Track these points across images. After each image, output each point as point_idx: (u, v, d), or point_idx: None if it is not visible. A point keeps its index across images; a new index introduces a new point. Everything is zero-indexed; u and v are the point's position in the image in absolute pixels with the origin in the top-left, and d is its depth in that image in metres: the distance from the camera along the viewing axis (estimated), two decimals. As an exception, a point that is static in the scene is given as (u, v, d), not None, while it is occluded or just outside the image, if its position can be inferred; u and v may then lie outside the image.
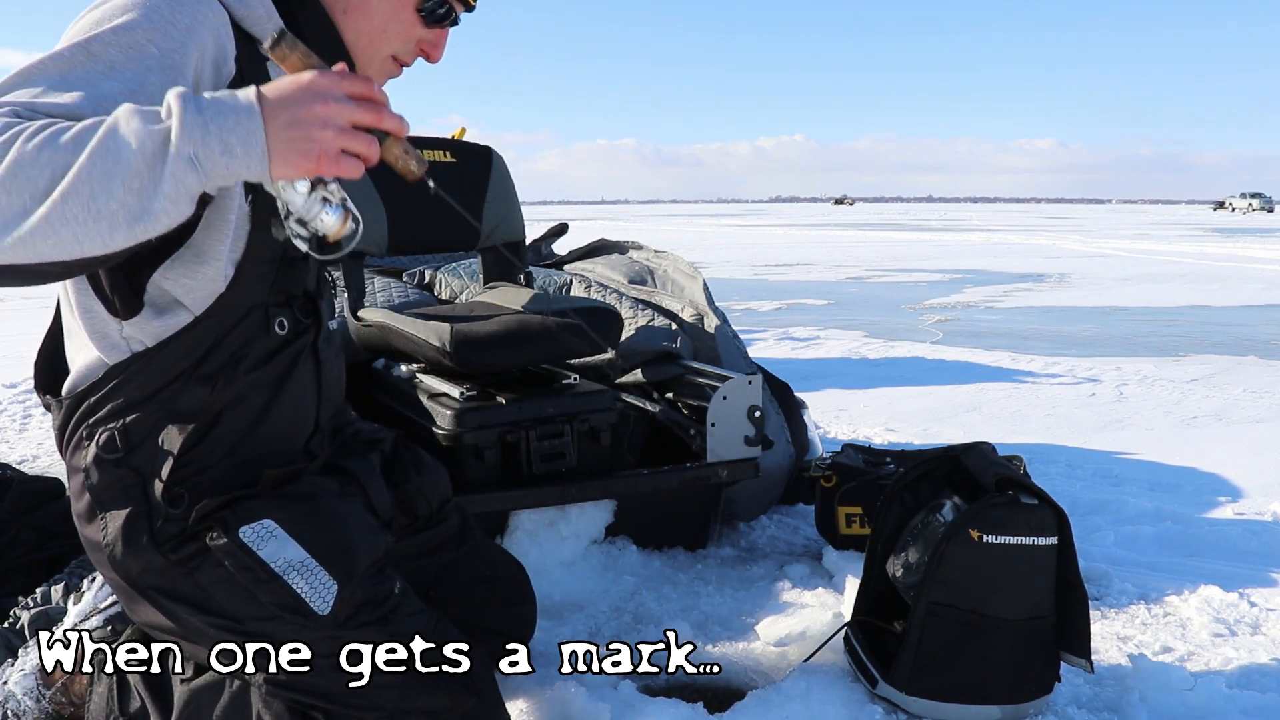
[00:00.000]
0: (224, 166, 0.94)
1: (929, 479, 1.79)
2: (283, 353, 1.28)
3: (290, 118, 0.96)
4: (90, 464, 1.21)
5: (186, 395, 1.21)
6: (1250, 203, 57.43)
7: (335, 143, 0.97)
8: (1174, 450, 3.46)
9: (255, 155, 0.95)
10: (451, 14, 1.34)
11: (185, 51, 1.07)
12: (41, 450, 3.57)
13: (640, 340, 2.64)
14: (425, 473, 1.55)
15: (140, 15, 1.05)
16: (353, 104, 0.98)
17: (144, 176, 0.92)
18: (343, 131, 0.97)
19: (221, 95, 0.96)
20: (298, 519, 1.24)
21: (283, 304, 1.27)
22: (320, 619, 1.22)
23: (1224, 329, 6.84)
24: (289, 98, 0.96)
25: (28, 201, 0.91)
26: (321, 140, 0.96)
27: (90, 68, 1.01)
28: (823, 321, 7.36)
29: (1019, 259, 14.80)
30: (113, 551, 1.21)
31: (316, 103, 0.96)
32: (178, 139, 0.92)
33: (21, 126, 0.92)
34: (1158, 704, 1.65)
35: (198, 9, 1.10)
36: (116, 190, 0.91)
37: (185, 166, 0.93)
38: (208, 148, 0.93)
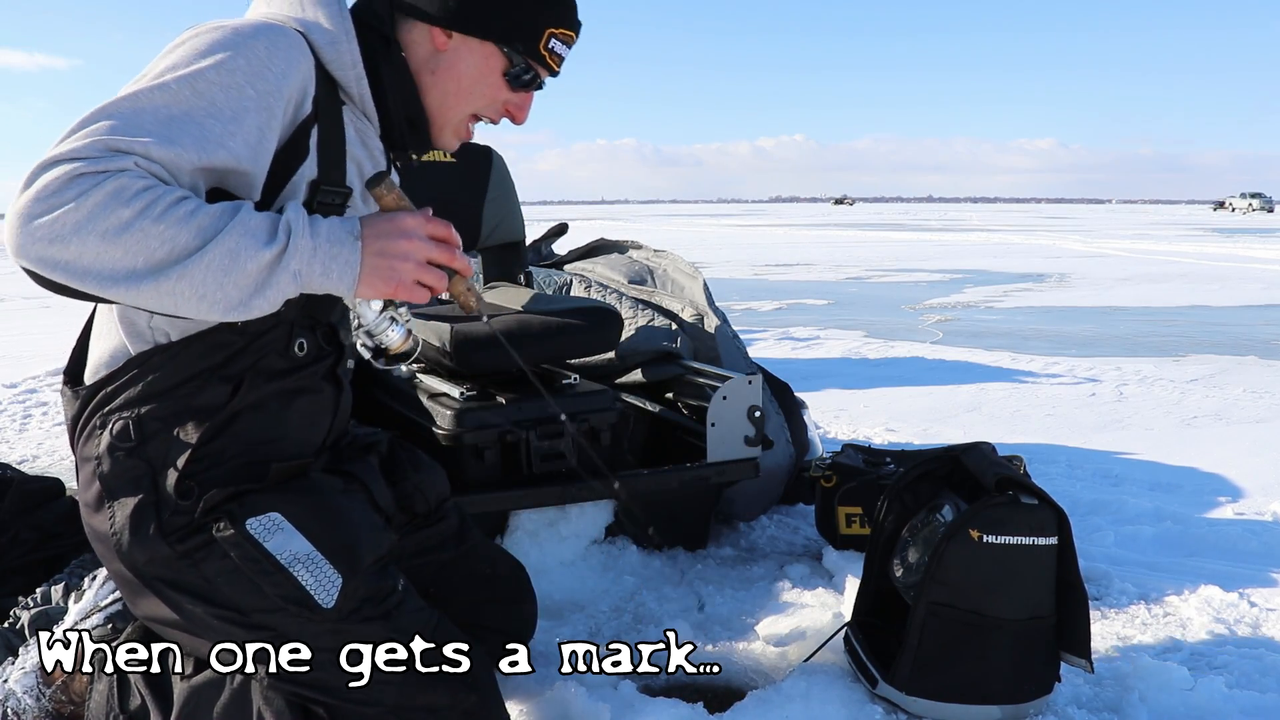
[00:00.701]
0: (319, 283, 1.12)
1: (929, 479, 1.79)
2: (302, 371, 1.32)
3: (380, 249, 1.13)
4: (103, 452, 1.23)
5: (206, 393, 1.24)
6: (1250, 203, 57.41)
7: (413, 274, 1.14)
8: (1174, 450, 3.46)
9: (348, 280, 1.13)
10: (537, 79, 1.38)
11: (279, 95, 1.17)
12: (41, 450, 3.57)
13: (640, 340, 2.64)
14: (423, 471, 1.57)
15: (241, 57, 1.14)
16: (432, 244, 1.16)
17: (254, 280, 1.07)
18: (420, 265, 1.15)
19: (332, 224, 1.13)
20: (304, 513, 1.25)
21: (307, 327, 1.32)
22: (324, 612, 1.23)
23: (1224, 329, 6.84)
24: (382, 232, 1.14)
25: (140, 265, 1.03)
26: (402, 271, 1.14)
27: (195, 104, 1.10)
28: (823, 321, 7.36)
29: (1019, 259, 14.80)
30: (119, 541, 1.22)
31: (403, 239, 1.14)
32: (290, 257, 1.08)
33: (153, 193, 1.03)
34: (1158, 704, 1.65)
35: (291, 54, 1.18)
36: (227, 285, 1.06)
37: (289, 279, 1.09)
38: (311, 268, 1.10)
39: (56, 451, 3.54)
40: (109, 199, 1.01)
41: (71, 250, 1.01)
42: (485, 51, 1.33)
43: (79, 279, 1.03)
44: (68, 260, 1.02)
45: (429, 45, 1.33)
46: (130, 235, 1.01)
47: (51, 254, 1.01)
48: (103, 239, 1.01)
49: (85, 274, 1.03)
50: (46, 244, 1.01)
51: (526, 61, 1.35)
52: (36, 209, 1.01)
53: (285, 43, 1.18)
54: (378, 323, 1.23)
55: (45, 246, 1.01)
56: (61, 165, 1.02)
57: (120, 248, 1.02)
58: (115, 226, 1.01)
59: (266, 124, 1.16)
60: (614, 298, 2.84)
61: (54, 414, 4.15)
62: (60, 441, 3.68)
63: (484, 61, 1.33)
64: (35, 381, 4.77)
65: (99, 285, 1.03)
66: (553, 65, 1.37)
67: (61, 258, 1.02)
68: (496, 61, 1.34)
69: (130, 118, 1.07)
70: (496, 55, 1.33)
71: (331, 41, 1.24)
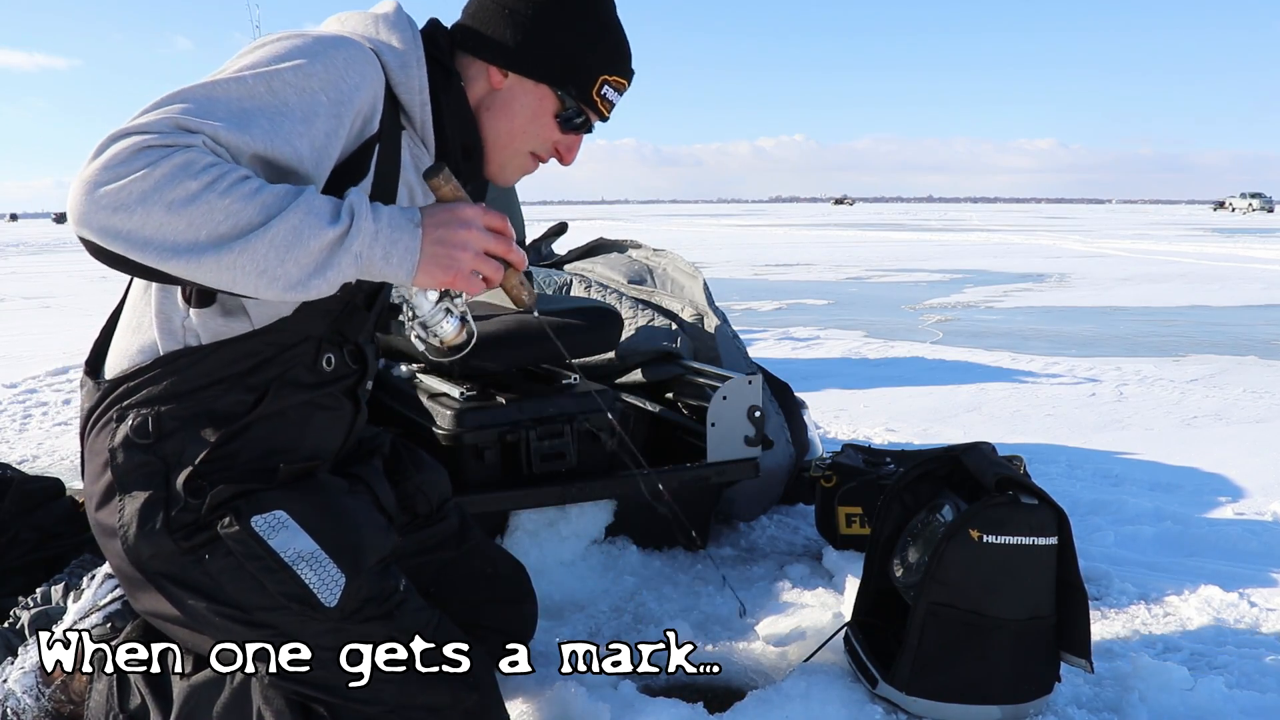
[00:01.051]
0: (379, 269, 1.11)
1: (929, 479, 1.79)
2: (325, 387, 1.34)
3: (439, 237, 1.13)
4: (118, 445, 1.24)
5: (228, 398, 1.26)
6: (1250, 203, 57.41)
7: (471, 264, 1.15)
8: (1174, 450, 3.46)
9: (407, 266, 1.12)
10: (587, 122, 1.40)
11: (350, 105, 1.18)
12: (41, 450, 3.57)
13: (640, 340, 2.64)
14: (425, 471, 1.58)
15: (319, 64, 1.16)
16: (490, 235, 1.16)
17: (315, 258, 1.07)
18: (478, 255, 1.15)
19: (395, 211, 1.13)
20: (309, 511, 1.26)
21: (335, 344, 1.34)
22: (327, 611, 1.24)
23: (1224, 329, 6.84)
24: (441, 220, 1.14)
25: (202, 238, 1.03)
26: (461, 260, 1.14)
27: (268, 101, 1.12)
28: (823, 321, 7.36)
29: (1019, 259, 14.80)
30: (126, 534, 1.23)
31: (462, 228, 1.14)
32: (352, 238, 1.08)
33: (220, 169, 1.04)
34: (1158, 704, 1.65)
35: (366, 69, 1.20)
36: (288, 262, 1.06)
37: (350, 261, 1.09)
38: (373, 251, 1.10)
39: (56, 451, 3.54)
40: (176, 170, 1.01)
41: (135, 219, 1.01)
42: (540, 93, 1.35)
43: (139, 249, 1.03)
44: (130, 230, 1.01)
45: (485, 82, 1.35)
46: (195, 207, 1.02)
47: (114, 223, 1.01)
48: (168, 210, 1.01)
49: (146, 244, 1.02)
50: (110, 212, 1.01)
51: (579, 106, 1.37)
52: (103, 177, 1.01)
53: (362, 58, 1.20)
54: (433, 313, 1.23)
55: (109, 215, 1.01)
56: (131, 137, 1.02)
57: (184, 219, 1.02)
58: (181, 198, 1.01)
59: (334, 131, 1.17)
60: (614, 298, 2.84)
61: (54, 414, 4.15)
62: (60, 441, 3.68)
63: (538, 103, 1.36)
64: (35, 381, 4.77)
65: (159, 256, 1.03)
66: (604, 111, 1.39)
67: (124, 227, 1.01)
68: (550, 103, 1.36)
69: (203, 103, 1.08)
70: (550, 97, 1.36)
71: (403, 65, 1.26)
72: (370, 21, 1.28)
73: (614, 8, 1.40)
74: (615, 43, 1.38)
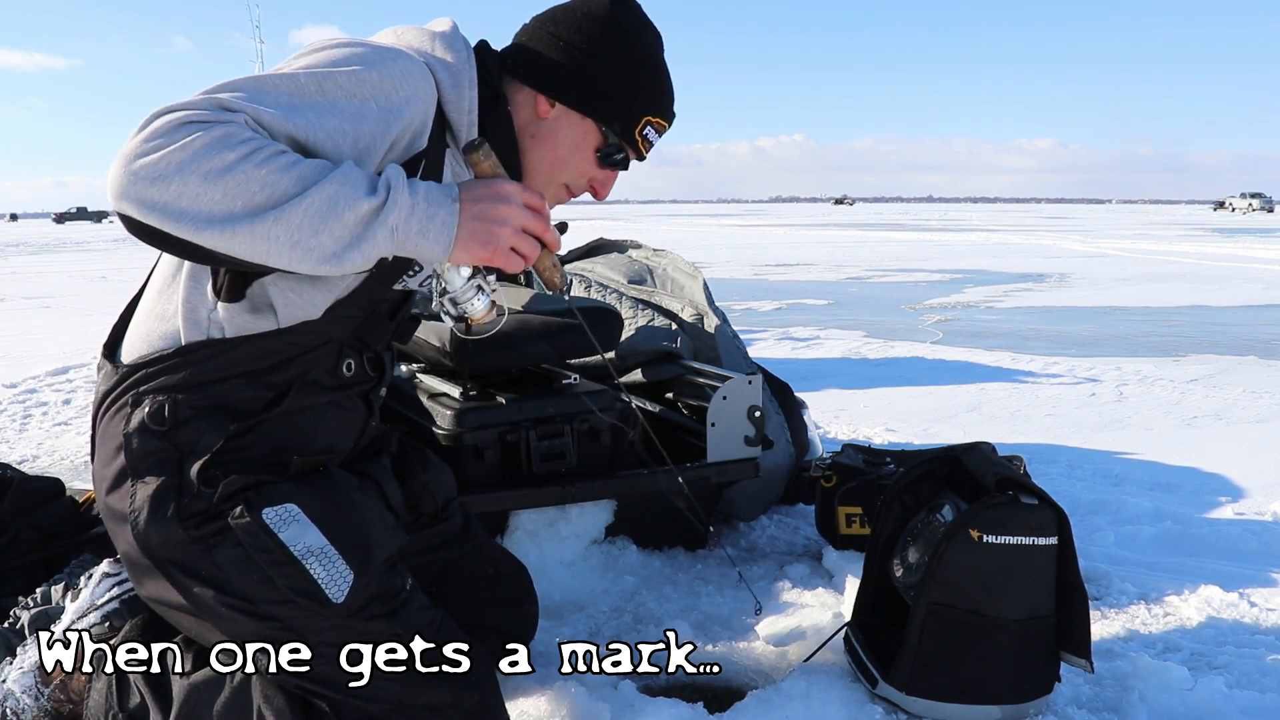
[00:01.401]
0: (415, 244, 1.11)
1: (929, 479, 1.79)
2: (343, 391, 1.35)
3: (478, 212, 1.13)
4: (133, 430, 1.24)
5: (246, 393, 1.26)
6: (1250, 203, 57.40)
7: (510, 240, 1.14)
8: (1174, 450, 3.45)
9: (444, 242, 1.12)
10: (626, 160, 1.41)
11: (399, 116, 1.18)
12: (41, 450, 3.57)
13: (640, 340, 2.64)
14: (431, 470, 1.59)
15: (374, 72, 1.16)
16: (528, 212, 1.16)
17: (350, 230, 1.07)
18: (516, 232, 1.15)
19: (431, 185, 1.12)
20: (321, 506, 1.26)
21: (356, 349, 1.35)
22: (334, 607, 1.24)
23: (1224, 329, 6.83)
24: (480, 195, 1.14)
25: (238, 208, 1.03)
26: (500, 235, 1.14)
27: (318, 100, 1.13)
28: (823, 321, 7.36)
29: (1019, 259, 14.80)
30: (136, 520, 1.23)
31: (501, 204, 1.14)
32: (389, 211, 1.07)
33: (258, 142, 1.04)
34: (1158, 704, 1.65)
35: (420, 84, 1.21)
36: (322, 233, 1.06)
37: (386, 234, 1.08)
38: (409, 225, 1.09)
39: (56, 451, 3.54)
40: (215, 142, 1.02)
41: (172, 190, 1.02)
42: (585, 127, 1.36)
43: (175, 220, 1.03)
44: (166, 201, 1.02)
45: (531, 110, 1.35)
46: (231, 177, 1.02)
47: (151, 194, 1.02)
48: (204, 179, 1.02)
49: (182, 215, 1.03)
50: (148, 183, 1.02)
51: (620, 143, 1.38)
52: (143, 148, 1.02)
53: (418, 73, 1.20)
54: (464, 290, 1.21)
55: (146, 186, 1.02)
56: (174, 113, 1.04)
57: (220, 189, 1.02)
58: (218, 168, 1.02)
59: (380, 138, 1.17)
60: (614, 298, 2.84)
61: (54, 414, 4.15)
62: (60, 441, 3.69)
63: (581, 136, 1.36)
64: (35, 381, 4.77)
65: (194, 227, 1.03)
66: (643, 150, 1.40)
67: (161, 198, 1.02)
68: (593, 138, 1.37)
69: (253, 92, 1.10)
70: (594, 132, 1.36)
71: (455, 84, 1.26)
72: (427, 38, 1.28)
73: (662, 50, 1.41)
74: (662, 85, 1.40)
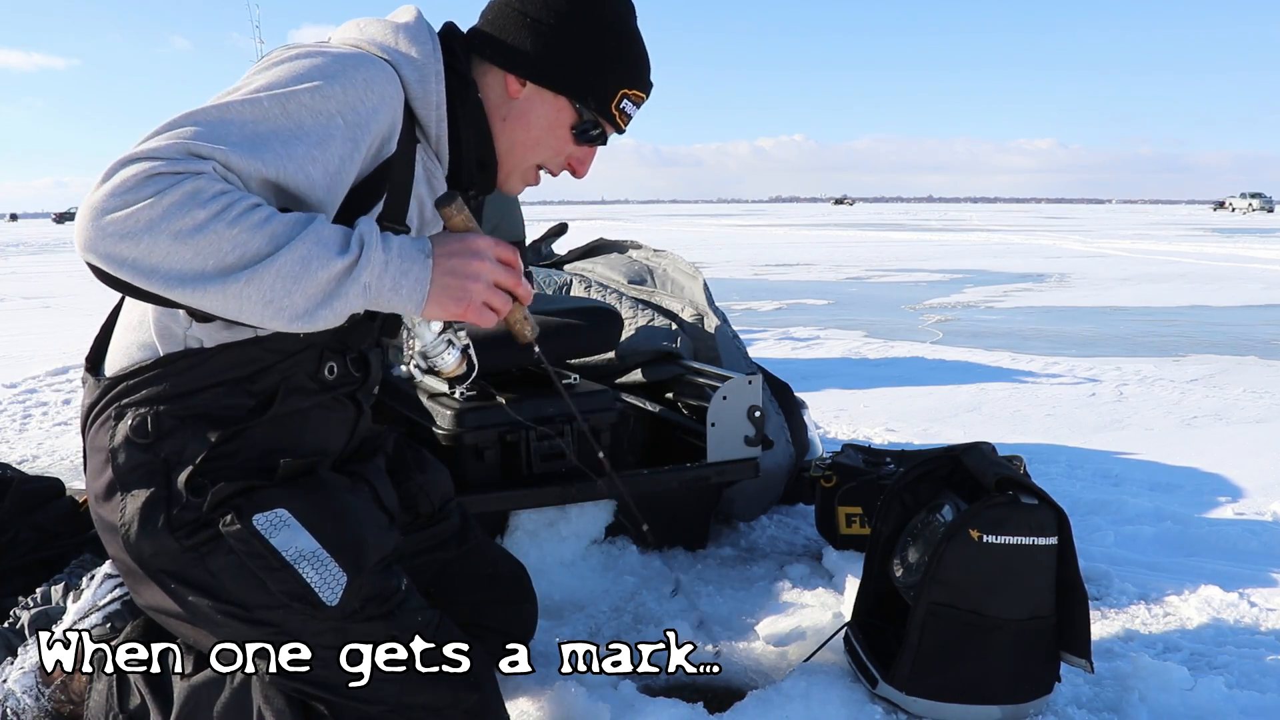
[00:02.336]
0: (388, 300, 1.10)
1: (929, 479, 1.79)
2: (327, 393, 1.34)
3: (451, 268, 1.12)
4: (118, 444, 1.24)
5: (228, 401, 1.26)
6: (1250, 203, 57.39)
7: (482, 295, 1.14)
8: (1174, 450, 3.45)
9: (417, 297, 1.11)
10: (603, 135, 1.39)
11: (367, 130, 1.17)
12: (41, 450, 3.57)
13: (640, 340, 2.64)
14: (427, 471, 1.58)
15: (337, 85, 1.14)
16: (501, 267, 1.15)
17: (323, 290, 1.06)
18: (488, 288, 1.14)
19: (404, 241, 1.11)
20: (311, 510, 1.25)
21: (338, 351, 1.34)
22: (328, 610, 1.23)
23: (1224, 329, 6.83)
24: (453, 251, 1.13)
25: (209, 268, 1.02)
26: (473, 291, 1.13)
27: (282, 124, 1.10)
28: (823, 321, 7.36)
29: (1019, 259, 14.80)
30: (127, 532, 1.23)
31: (474, 260, 1.13)
32: (361, 269, 1.07)
33: (229, 197, 1.02)
34: (1158, 704, 1.65)
35: (386, 89, 1.18)
36: (295, 293, 1.05)
37: (359, 292, 1.08)
38: (382, 282, 1.08)
39: (56, 451, 3.54)
40: (185, 199, 1.00)
41: (141, 248, 1.00)
42: (557, 105, 1.34)
43: (145, 277, 1.02)
44: (136, 258, 1.00)
45: (501, 91, 1.34)
46: (203, 237, 1.00)
47: (120, 250, 1.00)
48: (175, 238, 1.00)
49: (153, 273, 1.01)
50: (117, 240, 1.00)
51: (596, 118, 1.36)
52: (111, 204, 1.00)
53: (382, 79, 1.19)
54: (435, 344, 1.22)
55: (115, 243, 1.00)
56: (140, 163, 1.01)
57: (191, 249, 1.00)
58: (189, 227, 1.00)
59: (349, 156, 1.16)
60: (614, 298, 2.84)
61: (54, 414, 4.15)
62: (60, 441, 3.68)
63: (555, 114, 1.35)
64: (35, 381, 4.77)
65: (165, 285, 1.02)
66: (620, 124, 1.38)
67: (130, 255, 1.00)
68: (567, 115, 1.35)
69: (215, 126, 1.07)
70: (568, 109, 1.34)
71: (421, 80, 1.24)
72: (390, 31, 1.27)
73: (635, 19, 1.38)
74: (636, 56, 1.37)
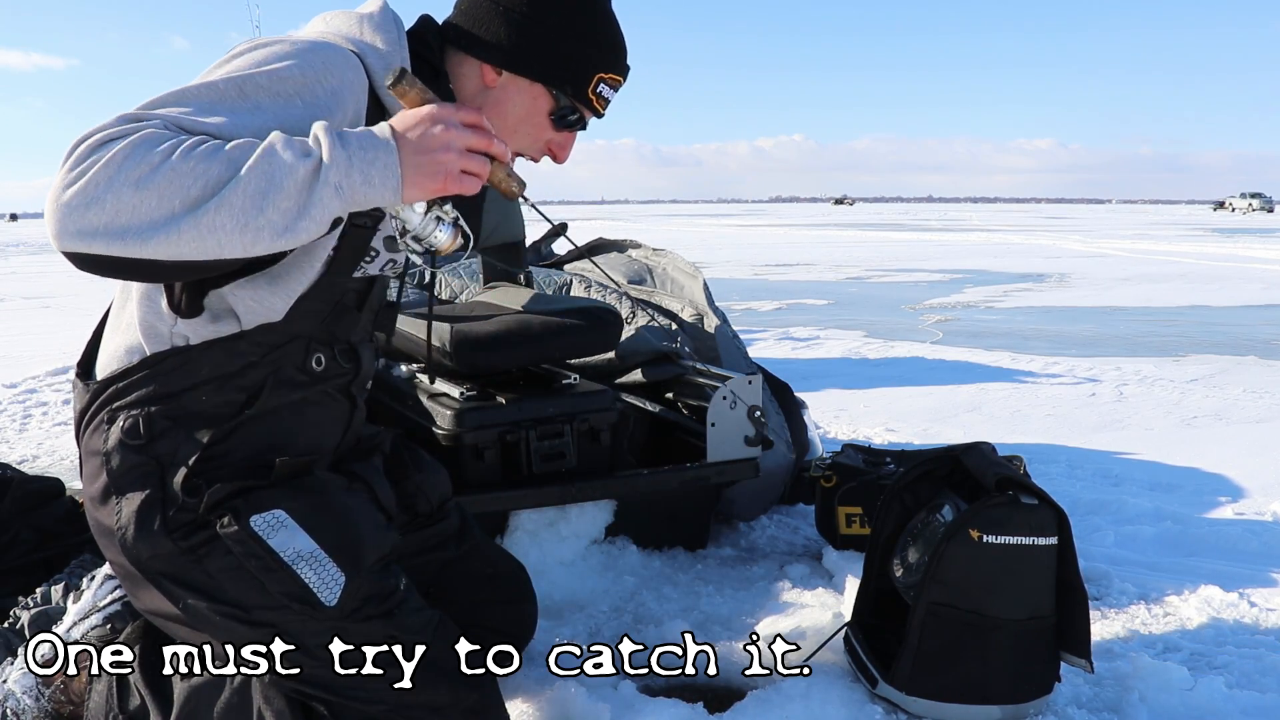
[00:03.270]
0: (363, 195, 1.06)
1: (929, 479, 1.79)
2: (317, 386, 1.33)
3: (417, 145, 1.07)
4: (111, 448, 1.24)
5: (219, 398, 1.25)
6: (1250, 203, 57.39)
7: (457, 164, 1.09)
8: (1174, 450, 3.45)
9: (391, 185, 1.06)
10: (582, 120, 1.38)
11: (327, 111, 1.15)
12: (41, 450, 3.57)
13: (640, 340, 2.64)
14: (425, 470, 1.58)
15: (295, 68, 1.13)
16: (468, 131, 1.10)
17: (294, 199, 1.02)
18: (461, 154, 1.09)
19: (361, 132, 1.06)
20: (308, 510, 1.25)
21: (325, 343, 1.33)
22: (327, 610, 1.24)
23: (1224, 329, 6.83)
24: (415, 127, 1.08)
25: (177, 207, 1.00)
26: (446, 162, 1.08)
27: (239, 104, 1.09)
28: (823, 321, 7.36)
29: (1019, 259, 14.80)
30: (124, 535, 1.23)
31: (439, 129, 1.08)
32: (326, 170, 1.03)
33: (179, 138, 1.01)
34: (1158, 704, 1.65)
35: (345, 73, 1.17)
36: (268, 209, 1.01)
37: (332, 194, 1.04)
38: (351, 179, 1.04)
39: (56, 451, 3.54)
40: (135, 148, 0.99)
41: (107, 209, 0.98)
42: (534, 92, 1.34)
43: (120, 239, 0.99)
44: (105, 221, 0.99)
45: (478, 81, 1.33)
46: (161, 177, 0.99)
47: (89, 220, 0.98)
48: (136, 187, 0.98)
49: (125, 231, 0.99)
50: (83, 210, 0.98)
51: (574, 104, 1.35)
52: (68, 179, 0.99)
53: (342, 63, 1.18)
54: (423, 225, 1.16)
55: (81, 213, 0.98)
56: (90, 137, 1.01)
57: (154, 193, 0.99)
58: (146, 172, 0.99)
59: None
60: (614, 298, 2.84)
61: (54, 414, 4.15)
62: (60, 441, 3.68)
63: (532, 101, 1.34)
64: (35, 381, 4.76)
65: (139, 240, 1.00)
66: (599, 108, 1.38)
67: (98, 221, 0.99)
68: (544, 102, 1.34)
69: (169, 102, 1.07)
70: (545, 96, 1.34)
71: (386, 67, 1.24)
72: (355, 22, 1.26)
73: (609, 2, 1.38)
74: (611, 39, 1.36)
